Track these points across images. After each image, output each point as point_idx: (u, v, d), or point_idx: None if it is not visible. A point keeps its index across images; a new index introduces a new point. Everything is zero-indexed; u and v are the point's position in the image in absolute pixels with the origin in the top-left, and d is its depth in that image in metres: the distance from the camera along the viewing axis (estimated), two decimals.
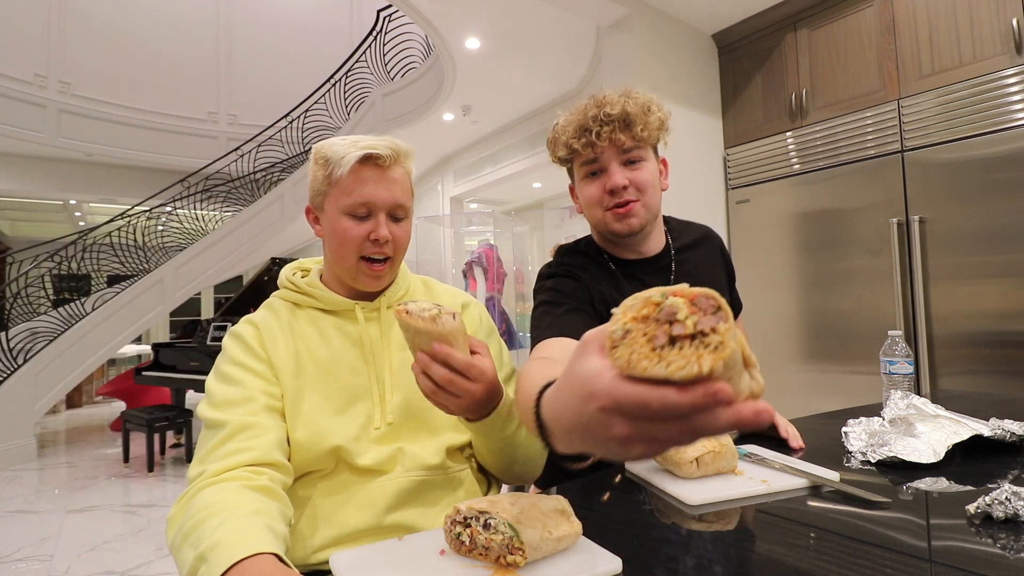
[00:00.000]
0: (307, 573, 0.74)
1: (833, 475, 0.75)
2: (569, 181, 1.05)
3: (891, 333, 1.17)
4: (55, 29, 6.81)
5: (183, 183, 6.37)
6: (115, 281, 5.41)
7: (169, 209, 6.01)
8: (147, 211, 5.86)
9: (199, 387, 3.86)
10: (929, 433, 0.86)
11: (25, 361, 4.37)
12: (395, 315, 0.64)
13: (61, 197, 7.97)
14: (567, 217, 5.50)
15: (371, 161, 0.80)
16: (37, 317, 4.84)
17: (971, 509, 0.62)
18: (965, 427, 0.87)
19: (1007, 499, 0.60)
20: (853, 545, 0.58)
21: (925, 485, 0.74)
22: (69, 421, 5.67)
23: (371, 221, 0.81)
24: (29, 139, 6.50)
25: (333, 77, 6.07)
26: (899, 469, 0.80)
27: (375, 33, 5.57)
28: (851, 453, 0.88)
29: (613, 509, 0.72)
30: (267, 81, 8.25)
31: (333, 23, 8.59)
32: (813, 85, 2.60)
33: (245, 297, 4.62)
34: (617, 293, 0.98)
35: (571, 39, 3.70)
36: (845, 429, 0.95)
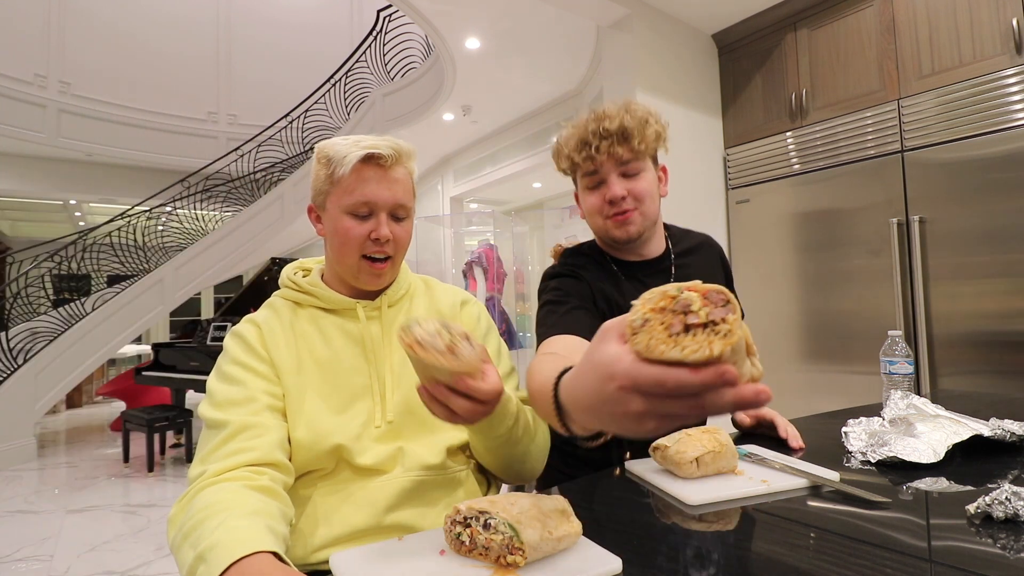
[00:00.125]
0: (307, 573, 0.74)
1: (833, 475, 0.75)
2: (574, 188, 1.10)
3: (891, 333, 1.17)
4: (55, 29, 6.81)
5: (183, 183, 6.37)
6: (115, 281, 5.41)
7: (169, 209, 6.01)
8: (147, 211, 5.86)
9: (199, 387, 3.86)
10: (929, 433, 0.86)
11: (25, 361, 4.37)
12: (402, 346, 0.60)
13: (61, 197, 7.97)
14: (567, 217, 5.50)
15: (373, 161, 0.80)
16: (37, 317, 4.83)
17: (971, 509, 0.62)
18: (965, 427, 0.87)
19: (1007, 499, 0.60)
20: (853, 545, 0.58)
21: (925, 485, 0.74)
22: (69, 421, 5.67)
23: (372, 220, 0.81)
24: (29, 139, 6.51)
25: (333, 77, 6.07)
26: (899, 469, 0.80)
27: (375, 33, 5.57)
28: (851, 453, 0.88)
29: (613, 509, 0.72)
30: (267, 81, 8.25)
31: (333, 23, 8.58)
32: (813, 85, 2.60)
33: (245, 297, 4.62)
34: (618, 293, 1.02)
35: (571, 39, 3.70)
36: (845, 429, 0.95)
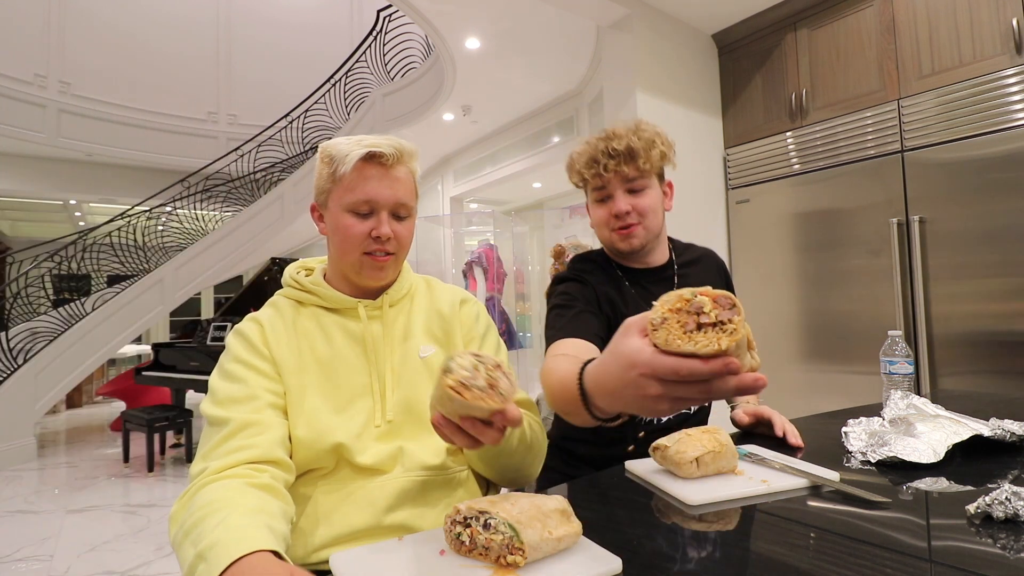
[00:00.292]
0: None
1: (833, 475, 0.75)
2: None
3: (891, 333, 1.17)
4: (55, 29, 6.81)
5: (183, 183, 6.37)
6: (115, 281, 5.41)
7: (169, 209, 6.01)
8: (147, 211, 5.86)
9: (199, 387, 3.86)
10: (929, 433, 0.86)
11: (25, 361, 4.37)
12: (445, 391, 0.57)
13: (61, 197, 7.97)
14: (567, 217, 5.50)
15: (374, 160, 0.80)
16: (37, 317, 4.83)
17: (971, 509, 0.62)
18: (965, 427, 0.87)
19: (1007, 499, 0.60)
20: (853, 545, 0.58)
21: (925, 485, 0.74)
22: (69, 421, 5.67)
23: (373, 219, 0.82)
24: (29, 139, 6.50)
25: (333, 77, 6.07)
26: (899, 469, 0.80)
27: (375, 33, 5.57)
28: (851, 453, 0.88)
29: (613, 509, 0.72)
30: (267, 81, 8.25)
31: (333, 23, 8.58)
32: (813, 85, 2.60)
33: (245, 297, 4.62)
34: (621, 298, 1.08)
35: (571, 39, 3.70)
36: (845, 429, 0.95)
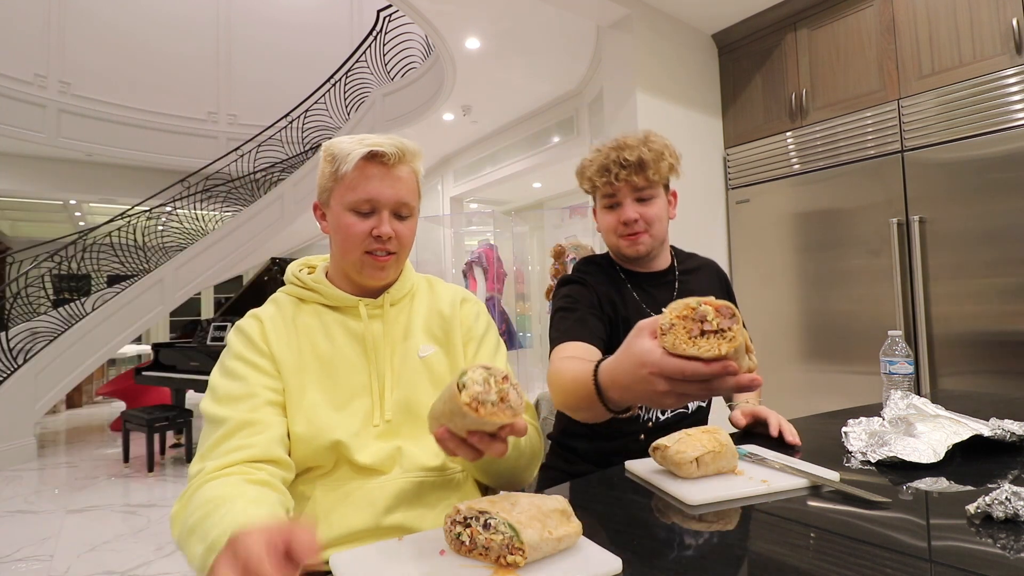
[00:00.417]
0: (306, 573, 0.74)
1: (833, 475, 0.75)
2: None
3: (891, 333, 1.17)
4: (55, 29, 6.80)
5: (183, 183, 6.37)
6: (115, 281, 5.40)
7: (169, 209, 6.01)
8: (147, 211, 5.86)
9: (199, 387, 3.86)
10: (929, 433, 0.86)
11: (25, 361, 4.36)
12: (459, 408, 0.56)
13: (61, 197, 7.97)
14: (567, 217, 5.50)
15: (376, 159, 0.80)
16: (37, 317, 4.83)
17: (971, 509, 0.62)
18: (965, 427, 0.87)
19: (1007, 499, 0.60)
20: (853, 545, 0.58)
21: (925, 485, 0.74)
22: (69, 421, 5.67)
23: (375, 218, 0.82)
24: (29, 139, 6.50)
25: (333, 77, 6.07)
26: (899, 469, 0.80)
27: (375, 33, 5.56)
28: (851, 453, 0.88)
29: (613, 509, 0.72)
30: (267, 81, 8.24)
31: (333, 23, 8.58)
32: (813, 85, 2.60)
33: (245, 297, 4.61)
34: (621, 299, 1.12)
35: (571, 39, 3.70)
36: (845, 429, 0.95)
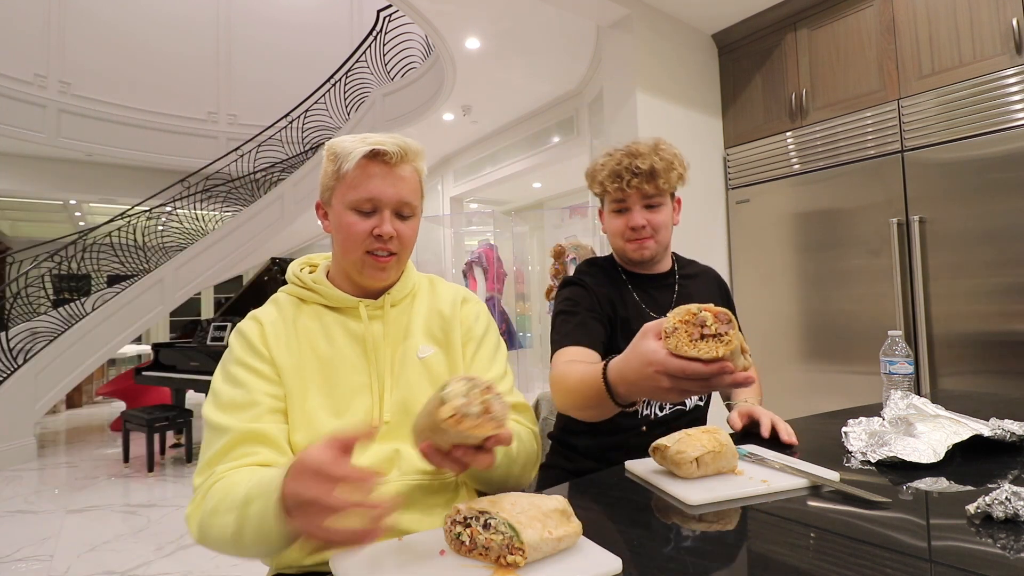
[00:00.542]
0: (305, 574, 0.74)
1: (833, 475, 0.75)
2: (599, 205, 1.26)
3: (891, 333, 1.17)
4: (55, 29, 6.80)
5: (183, 183, 6.37)
6: (115, 281, 5.40)
7: (169, 209, 6.01)
8: (147, 211, 5.86)
9: (199, 387, 3.86)
10: (929, 433, 0.86)
11: (25, 361, 4.36)
12: (439, 423, 0.55)
13: (61, 197, 7.97)
14: (567, 217, 5.50)
15: (378, 158, 0.80)
16: (37, 317, 4.83)
17: (971, 509, 0.62)
18: (965, 427, 0.87)
19: (1007, 499, 0.60)
20: (853, 545, 0.58)
21: (925, 485, 0.74)
22: (69, 421, 5.67)
23: (376, 217, 0.81)
24: (29, 139, 6.50)
25: (333, 77, 6.07)
26: (899, 469, 0.80)
27: (375, 33, 5.56)
28: (851, 453, 0.88)
29: (613, 509, 0.72)
30: (267, 81, 8.24)
31: (333, 23, 8.58)
32: (813, 85, 2.60)
33: (245, 297, 4.62)
34: (620, 299, 1.15)
35: (571, 39, 3.70)
36: (845, 429, 0.95)
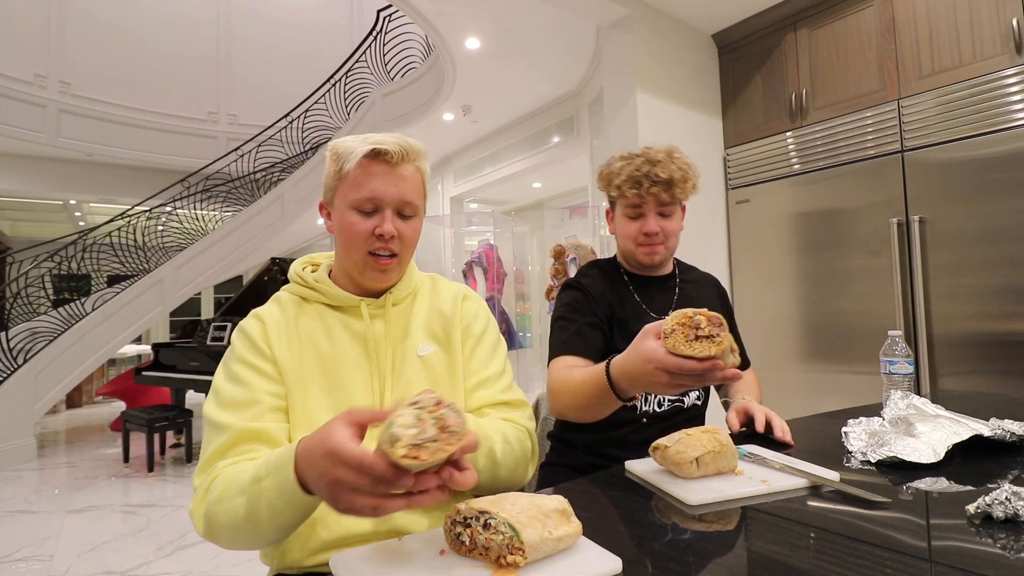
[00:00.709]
0: (305, 575, 0.74)
1: (833, 475, 0.75)
2: (607, 205, 1.28)
3: (891, 333, 1.17)
4: (55, 29, 6.80)
5: (183, 183, 6.37)
6: (115, 281, 5.40)
7: (169, 209, 6.01)
8: (147, 211, 5.86)
9: (199, 387, 3.86)
10: (929, 433, 0.86)
11: (25, 361, 4.36)
12: (404, 464, 0.49)
13: (61, 197, 7.97)
14: (567, 217, 5.49)
15: (380, 157, 0.80)
16: (37, 317, 4.83)
17: (971, 509, 0.62)
18: (965, 427, 0.87)
19: (1007, 499, 0.60)
20: (853, 545, 0.58)
21: (925, 485, 0.74)
22: (69, 421, 5.67)
23: (377, 216, 0.81)
24: (29, 139, 6.50)
25: (333, 77, 6.07)
26: (899, 469, 0.80)
27: (375, 33, 5.57)
28: (851, 453, 0.88)
29: (613, 509, 0.72)
30: (267, 81, 8.24)
31: (333, 23, 8.58)
32: (813, 85, 2.60)
33: (245, 297, 4.62)
34: (619, 300, 1.18)
35: (571, 39, 3.70)
36: (845, 429, 0.95)
